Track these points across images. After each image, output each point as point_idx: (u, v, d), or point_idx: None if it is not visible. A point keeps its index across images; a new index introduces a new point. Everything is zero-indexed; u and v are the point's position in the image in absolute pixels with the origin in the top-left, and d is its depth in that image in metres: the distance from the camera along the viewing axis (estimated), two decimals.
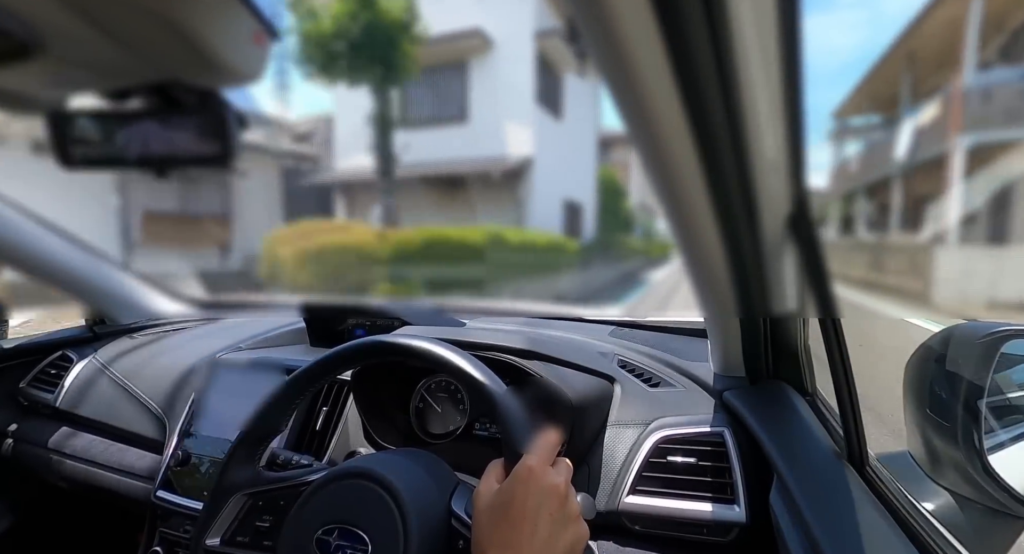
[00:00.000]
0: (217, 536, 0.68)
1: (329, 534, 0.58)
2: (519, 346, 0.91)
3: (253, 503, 0.68)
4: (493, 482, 0.55)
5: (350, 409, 1.01)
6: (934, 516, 0.67)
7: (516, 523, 0.50)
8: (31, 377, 1.35)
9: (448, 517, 0.60)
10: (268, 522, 0.67)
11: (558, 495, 0.52)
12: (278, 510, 0.67)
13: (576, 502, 0.54)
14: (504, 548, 0.49)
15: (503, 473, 0.56)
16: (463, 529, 0.59)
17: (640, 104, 0.34)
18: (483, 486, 0.55)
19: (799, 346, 0.82)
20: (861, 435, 0.65)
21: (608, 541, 0.79)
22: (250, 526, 0.68)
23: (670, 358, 1.03)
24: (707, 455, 0.79)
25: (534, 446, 0.55)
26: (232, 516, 0.68)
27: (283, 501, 0.67)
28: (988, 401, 0.68)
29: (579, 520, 0.54)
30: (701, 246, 0.49)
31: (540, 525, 0.50)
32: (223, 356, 1.18)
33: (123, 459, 1.16)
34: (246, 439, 0.68)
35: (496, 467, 0.57)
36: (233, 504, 0.68)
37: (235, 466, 0.68)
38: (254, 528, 0.68)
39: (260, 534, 0.67)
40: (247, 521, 0.68)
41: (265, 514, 0.68)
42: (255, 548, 0.67)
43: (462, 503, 0.61)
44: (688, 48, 0.30)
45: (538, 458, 0.53)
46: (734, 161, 0.38)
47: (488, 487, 0.54)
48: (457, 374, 0.62)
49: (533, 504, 0.50)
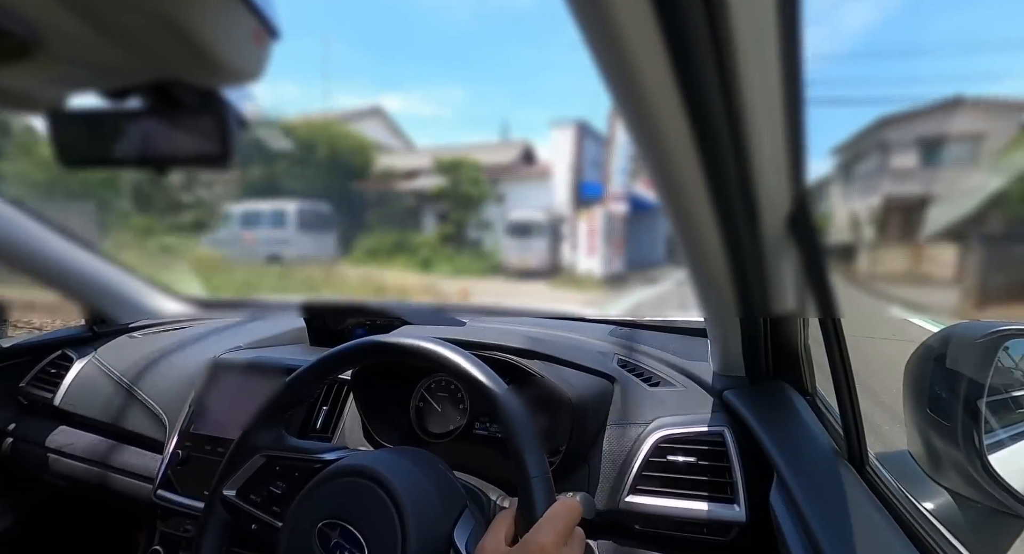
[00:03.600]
0: (233, 488, 0.71)
1: (331, 528, 0.59)
2: (519, 346, 0.91)
3: (270, 466, 0.70)
4: (502, 540, 0.51)
5: (350, 408, 1.01)
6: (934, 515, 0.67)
7: None
8: (31, 376, 1.35)
9: (448, 546, 0.58)
10: (280, 489, 0.69)
11: None
12: (292, 480, 0.68)
13: None
14: None
15: (512, 529, 0.53)
16: None
17: (640, 104, 0.34)
18: (490, 542, 0.51)
19: (799, 346, 0.82)
20: (861, 435, 0.65)
21: (608, 540, 0.79)
22: (264, 488, 0.70)
23: (670, 357, 1.03)
24: (707, 454, 0.79)
25: (551, 517, 0.51)
26: (249, 473, 0.71)
27: (297, 473, 0.68)
28: (988, 400, 0.69)
29: None
30: (701, 246, 0.49)
31: None
32: (223, 356, 1.18)
33: (123, 458, 1.16)
34: (275, 402, 0.71)
35: (506, 520, 0.53)
36: (252, 462, 0.71)
37: (261, 426, 0.71)
38: (267, 491, 0.69)
39: (272, 499, 0.69)
40: (262, 482, 0.70)
41: (279, 480, 0.69)
42: (265, 510, 0.69)
43: (465, 535, 0.59)
44: (688, 48, 0.30)
45: (554, 534, 0.49)
46: (734, 161, 0.38)
47: (495, 547, 0.51)
48: (457, 373, 0.62)
49: None
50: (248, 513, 0.69)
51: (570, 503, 0.53)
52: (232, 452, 0.71)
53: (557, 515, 0.51)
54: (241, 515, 0.70)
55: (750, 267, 0.50)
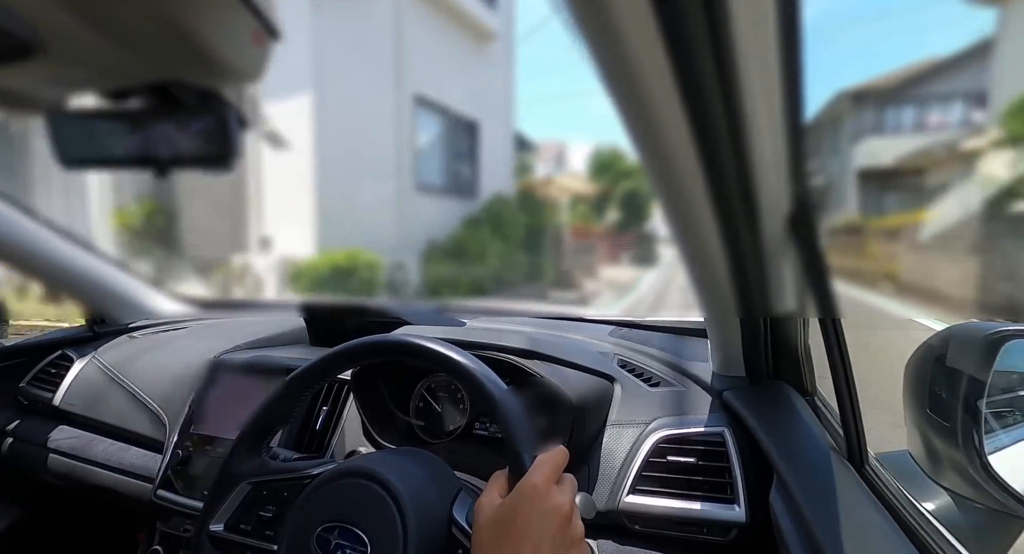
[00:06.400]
0: (220, 522, 0.69)
1: (330, 532, 0.58)
2: (519, 346, 0.91)
3: (257, 492, 0.69)
4: (496, 496, 0.53)
5: (350, 408, 1.01)
6: (934, 516, 0.67)
7: (517, 543, 0.49)
8: (31, 376, 1.35)
9: (449, 524, 0.59)
10: (271, 512, 0.68)
11: (562, 516, 0.50)
12: (281, 501, 0.67)
13: (580, 524, 0.53)
14: None
15: (506, 486, 0.54)
16: (463, 538, 0.58)
17: (640, 104, 0.34)
18: (485, 498, 0.53)
19: (799, 346, 0.82)
20: (861, 435, 0.65)
21: (608, 540, 0.79)
22: (253, 515, 0.68)
23: (670, 358, 1.03)
24: (707, 455, 0.79)
25: (540, 462, 0.53)
26: (236, 504, 0.69)
27: (287, 492, 0.67)
28: (988, 401, 0.69)
29: (582, 543, 0.52)
30: (701, 246, 0.49)
31: (543, 547, 0.49)
32: (223, 356, 1.18)
33: (123, 458, 1.16)
34: (252, 429, 0.69)
35: (500, 479, 0.55)
36: (237, 492, 0.69)
37: (241, 455, 0.69)
38: (257, 517, 0.68)
39: (263, 523, 0.68)
40: (250, 510, 0.69)
41: (268, 504, 0.68)
42: (257, 537, 0.68)
43: (463, 511, 0.60)
44: (688, 48, 0.30)
45: (543, 475, 0.52)
46: (734, 161, 0.38)
47: (490, 500, 0.53)
48: (458, 373, 0.62)
49: (536, 525, 0.49)
50: (240, 544, 0.68)
51: (556, 449, 0.56)
52: (215, 485, 0.69)
53: (544, 460, 0.54)
54: (233, 548, 0.68)
55: (750, 267, 0.50)
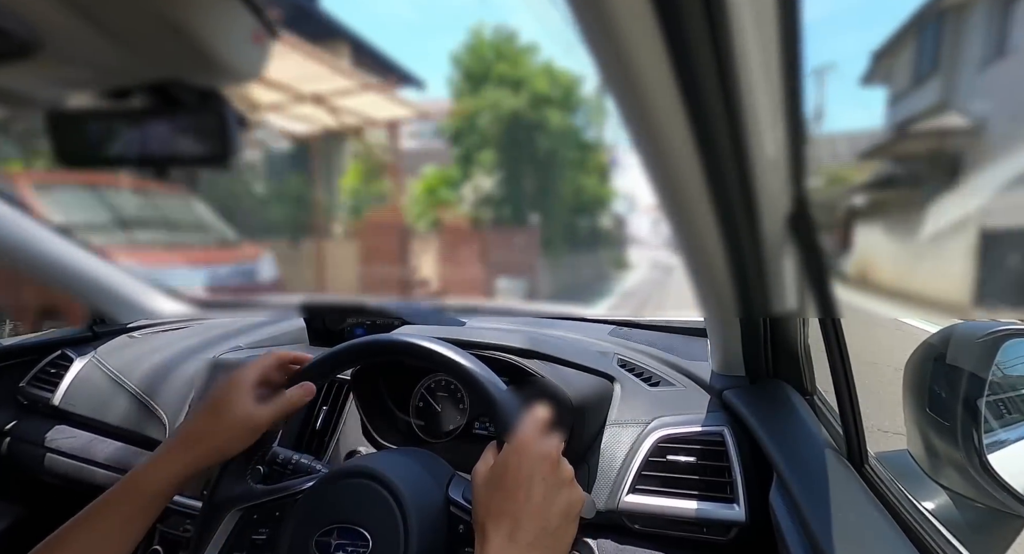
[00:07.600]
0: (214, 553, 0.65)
1: (328, 535, 0.58)
2: (519, 346, 0.91)
3: (248, 517, 0.66)
4: (490, 459, 0.57)
5: (350, 408, 1.01)
6: (933, 515, 0.67)
7: (511, 491, 0.52)
8: (31, 376, 1.35)
9: (446, 505, 0.61)
10: (264, 534, 0.66)
11: (550, 460, 0.54)
12: (274, 521, 0.65)
13: (569, 467, 0.55)
14: (500, 516, 0.51)
15: (499, 452, 0.57)
16: (462, 514, 0.60)
17: (640, 104, 0.34)
18: (480, 465, 0.57)
19: (799, 346, 0.82)
20: (861, 434, 0.65)
21: (608, 540, 0.79)
22: (246, 540, 0.66)
23: (670, 357, 1.03)
24: (707, 454, 0.79)
25: (524, 419, 0.57)
26: (227, 532, 0.66)
27: (279, 512, 0.65)
28: (988, 400, 0.69)
29: (573, 484, 0.55)
30: (701, 246, 0.49)
31: (534, 490, 0.52)
32: (223, 356, 1.18)
33: (122, 458, 1.16)
34: (237, 454, 0.65)
35: (492, 448, 0.59)
36: (227, 520, 0.66)
37: (227, 481, 0.66)
38: (250, 542, 0.66)
39: (257, 547, 0.65)
40: (243, 535, 0.66)
41: (261, 527, 0.66)
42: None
43: (459, 490, 0.62)
44: (688, 48, 0.30)
45: (529, 429, 0.55)
46: (734, 161, 0.38)
47: (485, 465, 0.57)
48: (457, 373, 0.62)
49: (527, 471, 0.52)
50: None
51: (539, 406, 0.58)
52: (202, 517, 0.66)
53: (528, 416, 0.57)
54: None
55: (750, 267, 0.50)
